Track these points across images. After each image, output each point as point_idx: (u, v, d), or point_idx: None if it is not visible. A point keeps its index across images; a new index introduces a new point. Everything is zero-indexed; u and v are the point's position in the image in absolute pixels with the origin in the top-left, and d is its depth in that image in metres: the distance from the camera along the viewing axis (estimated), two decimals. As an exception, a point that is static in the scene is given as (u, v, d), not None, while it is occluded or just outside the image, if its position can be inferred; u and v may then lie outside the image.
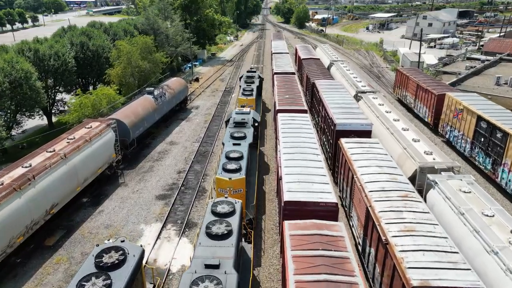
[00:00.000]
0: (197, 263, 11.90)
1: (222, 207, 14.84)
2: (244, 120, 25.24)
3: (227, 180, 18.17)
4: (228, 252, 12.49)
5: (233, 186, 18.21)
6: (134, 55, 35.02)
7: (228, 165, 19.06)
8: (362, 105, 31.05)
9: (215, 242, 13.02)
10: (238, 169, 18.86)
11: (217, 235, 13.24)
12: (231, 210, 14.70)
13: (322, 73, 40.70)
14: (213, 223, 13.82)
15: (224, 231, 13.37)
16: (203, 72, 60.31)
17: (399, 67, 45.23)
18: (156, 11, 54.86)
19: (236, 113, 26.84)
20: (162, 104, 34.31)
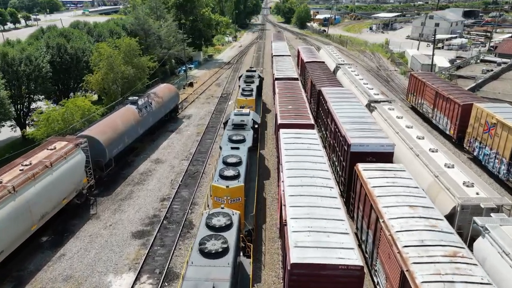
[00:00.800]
0: (188, 286, 10.65)
1: (217, 220, 13.45)
2: (243, 122, 23.60)
3: (224, 188, 16.64)
4: (224, 273, 11.21)
5: (230, 194, 16.70)
6: (116, 59, 30.79)
7: (226, 172, 17.53)
8: (377, 118, 26.83)
9: (209, 261, 11.71)
10: (236, 176, 17.34)
11: (211, 253, 11.93)
12: (228, 223, 13.32)
13: (328, 79, 36.45)
14: (208, 239, 12.47)
15: (219, 248, 12.07)
16: (199, 76, 56.06)
17: (413, 72, 41.02)
18: (147, 10, 50.64)
19: (235, 115, 25.04)
20: (148, 115, 30.08)
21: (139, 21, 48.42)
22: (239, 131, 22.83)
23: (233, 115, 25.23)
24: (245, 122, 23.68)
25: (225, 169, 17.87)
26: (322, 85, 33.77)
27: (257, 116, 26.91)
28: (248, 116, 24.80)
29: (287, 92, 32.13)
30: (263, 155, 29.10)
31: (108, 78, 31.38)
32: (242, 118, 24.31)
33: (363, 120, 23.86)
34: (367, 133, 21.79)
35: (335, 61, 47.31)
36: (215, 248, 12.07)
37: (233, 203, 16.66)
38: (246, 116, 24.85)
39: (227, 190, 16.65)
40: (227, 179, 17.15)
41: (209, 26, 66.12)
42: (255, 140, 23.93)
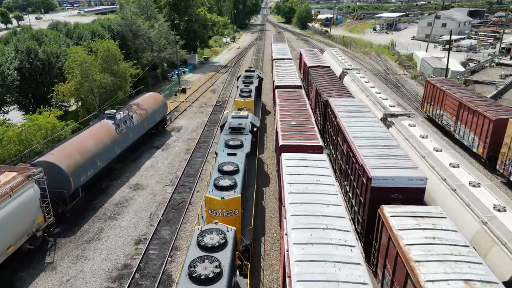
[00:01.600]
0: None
1: (210, 238, 12.39)
2: (241, 125, 22.32)
3: (219, 200, 15.33)
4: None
5: (226, 207, 15.36)
6: (91, 65, 26.54)
7: (221, 181, 16.22)
8: (395, 136, 22.57)
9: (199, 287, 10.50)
10: (233, 186, 16.09)
11: (202, 279, 10.75)
12: (222, 242, 12.21)
13: (336, 87, 32.19)
14: (199, 261, 11.37)
15: (211, 273, 10.91)
16: (192, 81, 51.80)
17: (430, 79, 36.82)
18: (135, 10, 46.39)
19: (233, 117, 23.71)
20: (128, 131, 25.86)
21: (127, 21, 44.22)
22: (237, 135, 21.41)
23: (231, 117, 23.68)
24: (243, 126, 22.32)
25: (221, 178, 16.48)
26: (330, 95, 29.54)
27: (256, 119, 25.46)
28: (247, 119, 23.37)
29: (289, 104, 27.89)
30: (262, 159, 27.39)
31: (83, 88, 27.15)
32: (240, 121, 22.90)
33: (383, 143, 19.61)
34: (390, 161, 17.55)
35: (341, 65, 43.05)
36: (206, 272, 10.87)
37: (229, 216, 15.38)
38: (244, 119, 23.47)
39: (222, 202, 15.26)
40: (222, 190, 15.78)
41: (204, 26, 61.87)
42: (253, 144, 22.49)
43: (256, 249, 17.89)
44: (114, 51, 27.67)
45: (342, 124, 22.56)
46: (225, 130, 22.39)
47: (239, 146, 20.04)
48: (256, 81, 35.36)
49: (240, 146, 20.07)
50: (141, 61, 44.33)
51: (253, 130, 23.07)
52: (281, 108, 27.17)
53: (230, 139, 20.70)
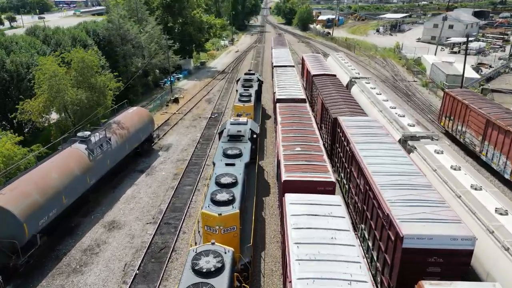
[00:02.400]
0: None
1: (206, 261, 11.47)
2: (240, 132, 21.35)
3: (216, 217, 14.30)
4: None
5: (223, 224, 14.38)
6: (62, 79, 22.78)
7: (218, 195, 15.29)
8: (420, 165, 18.87)
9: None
10: (231, 201, 15.09)
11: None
12: (218, 267, 11.31)
13: (345, 101, 28.42)
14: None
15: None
16: (187, 89, 48.03)
17: (449, 90, 33.07)
18: (124, 12, 42.64)
19: (231, 124, 22.67)
20: (104, 156, 22.11)
21: (114, 25, 40.48)
22: (236, 143, 20.42)
23: (229, 124, 22.65)
24: (242, 133, 21.30)
25: (218, 191, 15.50)
26: (338, 111, 25.80)
27: (255, 125, 24.40)
28: (246, 126, 22.38)
29: (292, 123, 24.13)
30: (262, 167, 26.40)
31: (55, 104, 23.40)
32: (239, 128, 21.87)
33: (410, 180, 15.86)
34: (423, 209, 13.79)
35: (348, 73, 39.29)
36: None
37: (227, 233, 14.53)
38: (243, 125, 22.43)
39: (220, 218, 14.27)
40: (219, 205, 14.81)
41: (200, 30, 58.07)
42: (253, 152, 21.57)
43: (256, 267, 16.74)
44: (90, 62, 23.90)
45: (356, 152, 18.82)
46: (223, 138, 21.29)
47: (238, 155, 18.94)
48: (255, 84, 34.07)
49: (239, 155, 18.97)
50: (129, 68, 40.68)
51: (252, 137, 22.11)
52: (284, 127, 23.42)
53: (229, 148, 19.54)
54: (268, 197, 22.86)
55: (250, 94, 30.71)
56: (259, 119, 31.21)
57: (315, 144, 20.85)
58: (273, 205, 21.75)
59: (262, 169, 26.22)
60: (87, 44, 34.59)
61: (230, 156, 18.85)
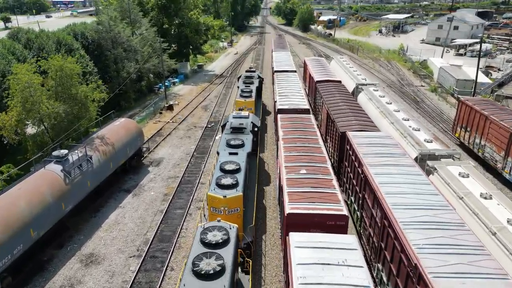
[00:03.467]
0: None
1: (213, 235, 12.63)
2: (242, 125, 22.64)
3: (221, 199, 15.59)
4: None
5: (228, 205, 15.66)
6: (37, 90, 20.23)
7: (223, 180, 16.48)
8: (442, 190, 16.34)
9: (203, 283, 10.79)
10: (235, 185, 16.32)
11: (206, 274, 10.97)
12: (224, 239, 12.49)
13: (353, 112, 25.88)
14: (202, 257, 11.62)
15: (215, 269, 11.14)
16: (182, 94, 45.49)
17: (465, 98, 30.51)
18: (115, 13, 40.10)
19: (234, 117, 24.06)
20: (84, 178, 19.58)
21: (104, 27, 37.95)
22: (238, 135, 21.67)
23: (232, 118, 24.01)
24: (244, 126, 22.57)
25: (223, 177, 16.85)
26: (347, 125, 23.29)
27: (256, 119, 25.73)
28: (247, 119, 23.58)
29: (296, 138, 21.58)
30: (262, 159, 27.74)
31: (30, 117, 20.86)
32: (241, 121, 23.15)
33: (440, 218, 13.25)
34: (460, 258, 11.22)
35: (353, 79, 36.78)
36: (210, 268, 11.17)
37: (231, 214, 15.75)
38: (245, 119, 23.66)
39: (225, 200, 15.65)
40: (224, 188, 16.16)
41: (197, 31, 55.51)
42: (254, 144, 22.72)
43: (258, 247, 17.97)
44: (69, 71, 21.34)
45: (371, 177, 16.28)
46: (226, 130, 22.50)
47: (240, 145, 20.20)
48: (256, 81, 35.19)
49: (242, 145, 20.22)
50: (121, 74, 38.14)
51: (254, 130, 23.12)
52: (286, 143, 20.89)
53: (232, 139, 20.84)
54: (268, 186, 24.20)
55: (251, 90, 31.76)
56: (260, 114, 31.95)
57: (322, 166, 18.32)
58: (273, 194, 22.99)
59: (262, 161, 27.24)
60: (72, 48, 32.02)
61: (233, 146, 20.10)
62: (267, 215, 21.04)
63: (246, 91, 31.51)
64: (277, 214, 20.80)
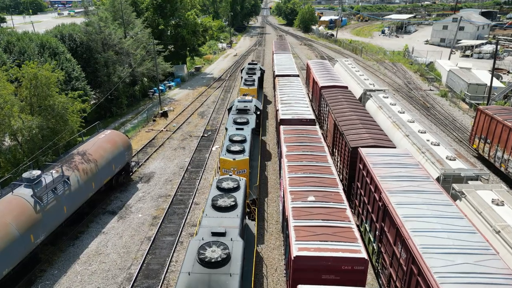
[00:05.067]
0: (204, 231, 12.41)
1: (227, 183, 15.39)
2: (246, 107, 25.28)
3: (231, 161, 18.54)
4: (234, 222, 13.05)
5: (237, 166, 18.51)
6: (7, 102, 17.70)
7: (232, 147, 19.53)
8: (473, 219, 13.89)
9: (221, 213, 13.62)
10: (242, 151, 19.30)
11: (223, 207, 13.85)
12: (235, 186, 15.27)
13: (365, 124, 23.35)
14: (219, 197, 14.41)
15: (229, 204, 14.00)
16: (178, 100, 43.00)
17: (484, 107, 28.04)
18: (105, 14, 37.61)
19: (239, 101, 26.83)
20: (59, 203, 17.09)
21: (93, 29, 35.46)
22: (243, 115, 24.15)
23: (237, 101, 26.81)
24: (248, 108, 25.11)
25: (232, 145, 19.79)
26: (359, 139, 20.80)
27: (259, 103, 28.00)
28: (251, 103, 26.30)
29: (302, 156, 19.09)
30: (264, 141, 30.57)
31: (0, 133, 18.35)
32: (245, 104, 25.87)
33: (483, 266, 10.82)
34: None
35: (361, 84, 34.33)
36: (225, 204, 13.99)
37: (239, 174, 18.09)
38: (249, 102, 26.40)
39: (234, 162, 18.48)
40: (233, 153, 19.04)
41: (194, 33, 52.99)
42: (257, 125, 24.99)
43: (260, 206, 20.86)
44: (45, 79, 18.84)
45: (391, 207, 13.80)
46: (233, 111, 25.18)
47: (245, 123, 23.00)
48: (258, 72, 38.21)
49: (247, 123, 23.03)
50: (112, 78, 35.66)
51: (256, 112, 25.64)
52: (290, 161, 18.42)
53: (238, 117, 23.66)
54: (270, 161, 27.27)
55: (253, 79, 34.68)
56: (262, 101, 34.71)
57: (333, 190, 15.84)
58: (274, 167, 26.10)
59: (264, 142, 30.32)
60: (57, 52, 29.53)
61: (239, 123, 22.98)
62: (268, 183, 24.22)
63: (249, 80, 34.39)
64: (276, 182, 23.95)
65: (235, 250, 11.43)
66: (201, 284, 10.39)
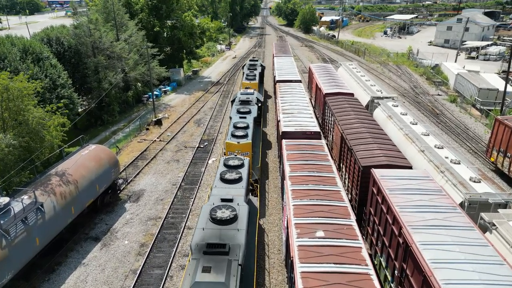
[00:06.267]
0: (215, 198, 14.62)
1: (233, 161, 17.72)
2: (248, 99, 27.52)
3: (235, 144, 20.77)
4: (239, 192, 15.33)
5: (241, 149, 20.66)
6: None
7: (236, 132, 21.74)
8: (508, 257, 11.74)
9: (228, 185, 15.79)
10: (245, 136, 21.53)
11: (230, 180, 16.07)
12: (240, 163, 17.63)
13: (376, 139, 21.17)
14: (226, 172, 16.59)
15: (235, 177, 16.21)
16: (174, 106, 40.81)
17: (503, 118, 25.90)
18: (96, 15, 35.45)
19: (241, 94, 28.80)
20: (32, 233, 14.93)
21: (83, 31, 33.30)
22: (246, 105, 26.39)
23: (240, 94, 28.80)
24: (250, 99, 27.55)
25: (236, 130, 22.04)
26: (370, 157, 18.67)
27: (260, 95, 30.48)
28: (253, 95, 28.51)
29: (307, 177, 16.94)
30: (264, 132, 32.16)
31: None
32: (248, 96, 28.20)
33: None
34: None
35: (367, 90, 32.16)
36: (232, 177, 16.21)
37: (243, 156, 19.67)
38: (251, 94, 28.61)
39: (238, 145, 20.73)
40: (237, 138, 21.32)
41: (191, 35, 50.79)
42: (258, 116, 27.12)
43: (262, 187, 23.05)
44: (17, 92, 16.68)
45: (418, 251, 11.67)
46: (236, 103, 27.28)
47: (248, 112, 24.89)
48: (259, 68, 40.33)
49: (249, 112, 24.89)
50: (102, 84, 33.49)
51: (258, 104, 27.56)
52: (295, 185, 16.27)
53: (241, 107, 25.67)
54: (270, 150, 29.21)
55: (255, 74, 36.79)
56: (262, 94, 36.54)
57: (345, 222, 13.68)
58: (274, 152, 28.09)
59: (265, 133, 32.13)
60: (41, 57, 27.36)
61: (242, 112, 24.92)
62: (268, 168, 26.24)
63: (251, 75, 36.59)
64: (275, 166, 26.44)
65: (241, 212, 13.63)
66: (214, 236, 12.45)
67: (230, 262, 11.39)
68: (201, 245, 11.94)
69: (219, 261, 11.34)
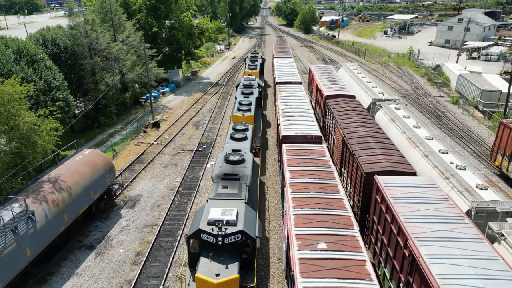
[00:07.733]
0: (227, 149, 19.65)
1: (239, 126, 22.83)
2: (251, 83, 32.51)
3: (241, 116, 25.59)
4: (246, 146, 20.45)
5: (245, 120, 24.93)
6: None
7: (241, 107, 26.57)
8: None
9: (237, 142, 20.95)
10: (249, 110, 26.34)
11: (238, 138, 21.31)
12: (245, 128, 22.71)
13: (379, 143, 20.63)
14: (235, 132, 21.95)
15: (242, 136, 21.51)
16: (172, 107, 40.22)
17: (507, 120, 25.36)
18: (92, 16, 34.85)
19: (245, 80, 33.73)
20: (22, 243, 14.36)
21: (79, 32, 32.71)
22: (249, 88, 31.24)
23: (243, 80, 33.76)
24: (252, 84, 32.41)
25: (241, 106, 26.91)
26: (374, 162, 18.11)
27: (260, 81, 35.66)
28: (254, 80, 33.33)
29: (308, 184, 16.36)
30: (264, 114, 36.32)
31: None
32: (250, 81, 33.09)
33: None
34: None
35: (368, 92, 31.57)
36: (239, 136, 21.47)
37: None
38: (252, 80, 33.45)
39: (243, 117, 25.47)
40: (242, 111, 26.18)
41: (190, 35, 50.16)
42: (259, 100, 31.07)
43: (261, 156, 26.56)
44: (8, 97, 16.10)
45: (425, 265, 11.10)
46: (240, 86, 32.18)
47: (250, 93, 29.90)
48: (260, 60, 44.98)
49: (251, 93, 29.93)
50: (99, 86, 32.90)
51: (258, 88, 31.92)
52: (295, 191, 15.71)
53: (244, 90, 30.65)
54: (269, 128, 33.62)
55: (256, 65, 41.99)
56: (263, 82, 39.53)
57: (348, 233, 13.12)
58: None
59: (264, 114, 36.04)
60: (36, 59, 26.77)
61: (246, 93, 29.75)
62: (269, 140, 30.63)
63: (253, 65, 41.91)
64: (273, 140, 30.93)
65: (248, 157, 18.48)
66: (228, 170, 17.19)
67: (241, 184, 16.28)
68: (220, 175, 16.84)
69: (233, 183, 16.30)
